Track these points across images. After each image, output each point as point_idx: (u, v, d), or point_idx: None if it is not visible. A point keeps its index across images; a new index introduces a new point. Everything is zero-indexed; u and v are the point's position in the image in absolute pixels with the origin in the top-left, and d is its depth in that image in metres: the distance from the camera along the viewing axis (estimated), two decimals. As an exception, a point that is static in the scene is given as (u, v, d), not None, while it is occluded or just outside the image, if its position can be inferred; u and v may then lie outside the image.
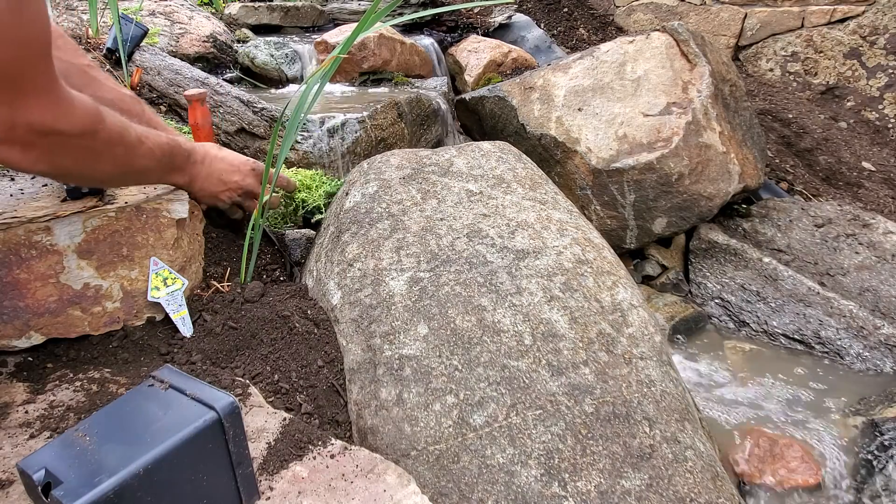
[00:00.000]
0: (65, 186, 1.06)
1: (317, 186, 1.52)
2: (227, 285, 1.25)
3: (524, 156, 1.56)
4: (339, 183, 1.54)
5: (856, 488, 1.43)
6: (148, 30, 1.82)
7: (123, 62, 1.70)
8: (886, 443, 1.46)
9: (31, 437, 0.87)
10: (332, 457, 0.88)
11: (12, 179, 1.16)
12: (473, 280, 1.19)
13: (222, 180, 1.26)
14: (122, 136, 0.95)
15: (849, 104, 3.10)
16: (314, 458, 0.88)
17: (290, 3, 3.09)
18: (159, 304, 1.11)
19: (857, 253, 2.09)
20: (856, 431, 1.57)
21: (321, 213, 1.52)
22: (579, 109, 2.18)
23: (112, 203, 1.08)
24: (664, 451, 1.01)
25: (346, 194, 1.43)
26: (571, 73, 2.26)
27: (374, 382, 1.09)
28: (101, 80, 1.22)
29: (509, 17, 3.37)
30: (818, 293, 1.96)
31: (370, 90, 2.46)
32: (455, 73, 3.02)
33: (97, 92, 1.16)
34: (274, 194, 1.37)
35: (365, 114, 1.83)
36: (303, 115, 1.29)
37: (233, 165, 1.28)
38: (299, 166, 1.70)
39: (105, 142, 0.91)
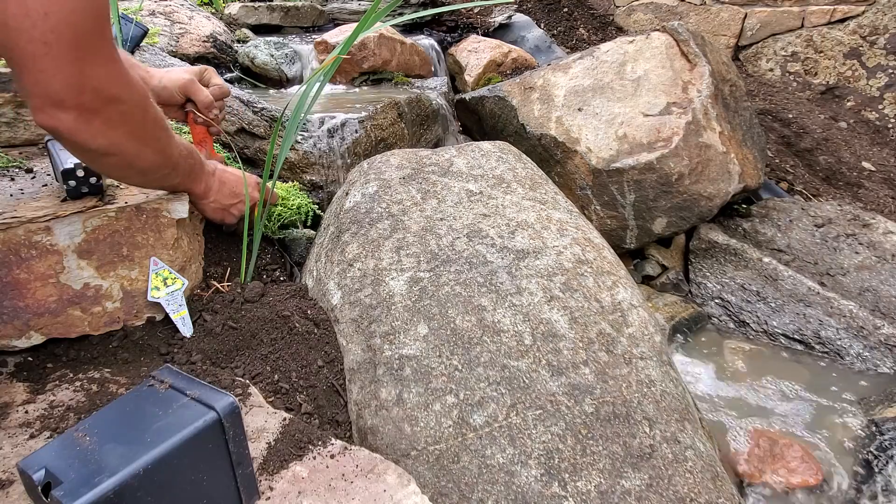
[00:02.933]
0: (64, 186, 1.06)
1: (292, 199, 1.51)
2: (227, 285, 1.25)
3: (524, 156, 1.56)
4: (308, 202, 1.55)
5: (856, 488, 1.43)
6: (148, 30, 1.82)
7: (123, 62, 1.69)
8: (886, 443, 1.46)
9: (31, 437, 0.87)
10: (332, 457, 0.88)
11: (12, 179, 1.16)
12: (473, 280, 1.19)
13: (235, 193, 1.26)
14: (163, 120, 0.96)
15: (849, 104, 3.10)
16: (314, 458, 0.88)
17: (290, 3, 3.09)
18: (159, 304, 1.11)
19: (857, 253, 2.09)
20: (856, 431, 1.57)
21: (296, 227, 1.53)
22: (579, 109, 2.18)
23: (112, 203, 1.08)
24: (664, 451, 1.00)
25: (346, 194, 1.43)
26: (571, 73, 2.26)
27: (374, 382, 1.09)
28: None
29: (509, 17, 3.36)
30: (818, 293, 1.96)
31: (370, 90, 2.46)
32: (455, 73, 3.02)
33: None
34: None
35: (365, 114, 1.83)
36: (303, 115, 1.29)
37: (241, 181, 1.28)
38: (299, 167, 1.70)
39: (153, 121, 0.92)
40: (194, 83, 1.30)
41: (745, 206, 2.38)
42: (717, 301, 2.12)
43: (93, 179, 1.06)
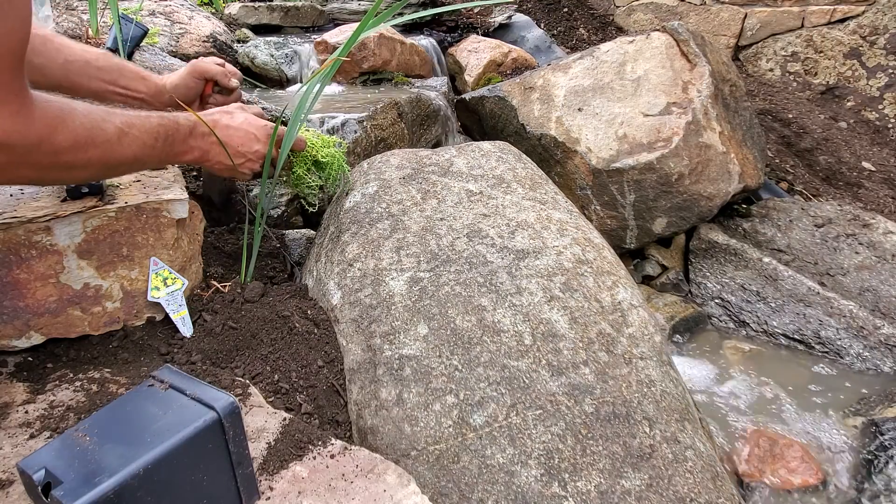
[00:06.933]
0: (64, 186, 1.06)
1: (330, 165, 1.35)
2: (227, 285, 1.25)
3: (524, 156, 1.56)
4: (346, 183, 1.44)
5: (856, 488, 1.43)
6: (148, 30, 1.82)
7: (123, 62, 1.69)
8: (886, 443, 1.46)
9: (31, 437, 0.87)
10: (332, 457, 0.88)
11: (12, 179, 1.16)
12: (473, 280, 1.19)
13: (240, 152, 1.16)
14: (93, 136, 0.86)
15: (849, 104, 3.10)
16: (314, 458, 0.88)
17: (290, 3, 3.09)
18: (159, 304, 1.11)
19: (857, 253, 2.09)
20: (856, 431, 1.57)
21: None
22: (579, 109, 2.18)
23: (112, 203, 1.08)
24: (664, 451, 1.01)
25: (346, 194, 1.43)
26: (571, 73, 2.26)
27: (374, 382, 1.09)
28: (68, 44, 1.15)
29: (509, 17, 3.36)
30: (818, 293, 1.96)
31: (370, 90, 2.46)
32: (455, 73, 3.02)
33: (68, 57, 1.13)
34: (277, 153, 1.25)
35: (365, 114, 1.83)
36: (303, 115, 1.29)
37: (249, 134, 1.17)
38: None
39: (70, 148, 0.82)
40: (202, 61, 1.28)
41: (745, 206, 2.38)
42: (717, 301, 2.12)
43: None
